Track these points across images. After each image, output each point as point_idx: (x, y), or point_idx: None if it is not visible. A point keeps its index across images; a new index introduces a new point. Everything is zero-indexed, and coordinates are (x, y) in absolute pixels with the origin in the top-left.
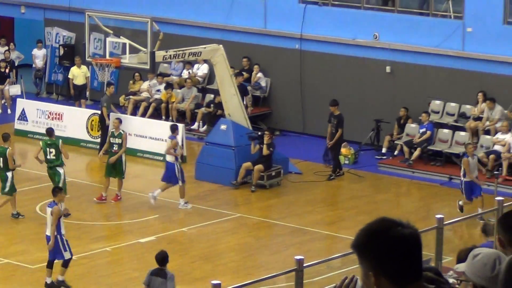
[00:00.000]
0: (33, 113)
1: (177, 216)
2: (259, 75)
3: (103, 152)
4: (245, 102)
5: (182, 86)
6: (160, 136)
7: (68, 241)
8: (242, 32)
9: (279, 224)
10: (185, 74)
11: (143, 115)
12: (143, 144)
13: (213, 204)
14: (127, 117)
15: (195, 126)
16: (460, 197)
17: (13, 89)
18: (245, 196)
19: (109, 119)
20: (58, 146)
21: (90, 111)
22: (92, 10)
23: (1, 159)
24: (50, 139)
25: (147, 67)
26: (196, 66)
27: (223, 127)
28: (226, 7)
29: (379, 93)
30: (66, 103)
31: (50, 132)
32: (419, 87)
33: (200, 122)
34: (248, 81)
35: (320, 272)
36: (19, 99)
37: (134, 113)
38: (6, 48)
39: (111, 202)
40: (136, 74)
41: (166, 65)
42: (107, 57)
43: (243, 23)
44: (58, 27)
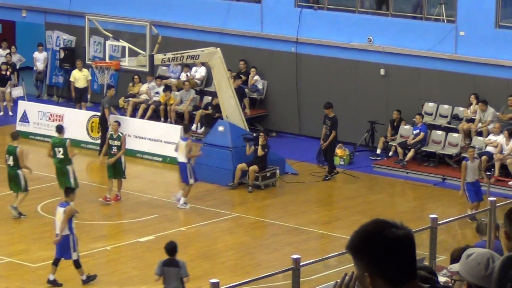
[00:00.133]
0: (34, 115)
1: (176, 216)
2: (256, 77)
3: (103, 154)
4: (243, 105)
5: (180, 88)
6: (159, 138)
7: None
8: (239, 36)
9: (276, 224)
10: (183, 76)
11: (142, 117)
12: (142, 145)
13: (211, 204)
14: (126, 118)
15: (193, 128)
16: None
17: (15, 91)
18: (242, 196)
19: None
20: (65, 145)
21: (90, 113)
22: (92, 14)
23: (11, 157)
24: (59, 137)
25: (146, 69)
26: (194, 69)
27: (221, 128)
28: (223, 11)
29: (373, 95)
30: (66, 105)
31: (60, 129)
32: (413, 90)
33: (198, 123)
34: (245, 83)
35: (317, 271)
36: (20, 101)
37: (133, 115)
38: (8, 51)
39: (111, 202)
40: (135, 76)
41: (164, 67)
42: (107, 60)
43: (240, 27)
44: (59, 30)
